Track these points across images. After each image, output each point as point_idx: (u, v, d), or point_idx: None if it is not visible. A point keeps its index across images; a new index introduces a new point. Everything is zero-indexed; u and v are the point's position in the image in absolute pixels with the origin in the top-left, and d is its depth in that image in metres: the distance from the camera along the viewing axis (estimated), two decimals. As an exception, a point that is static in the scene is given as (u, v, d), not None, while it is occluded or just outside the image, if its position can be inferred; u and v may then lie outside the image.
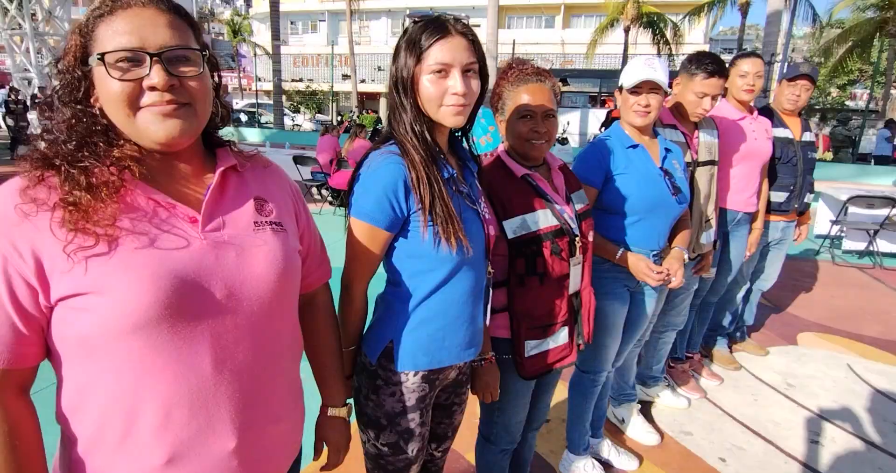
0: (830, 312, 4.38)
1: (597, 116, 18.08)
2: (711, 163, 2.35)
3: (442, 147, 1.21)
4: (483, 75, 1.18)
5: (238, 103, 26.97)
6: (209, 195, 0.89)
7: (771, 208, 3.06)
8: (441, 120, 1.15)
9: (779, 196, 3.05)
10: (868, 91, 22.80)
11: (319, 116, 24.90)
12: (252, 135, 16.17)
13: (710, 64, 2.14)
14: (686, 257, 1.95)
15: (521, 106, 1.50)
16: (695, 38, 24.89)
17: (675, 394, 2.89)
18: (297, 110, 24.33)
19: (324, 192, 7.79)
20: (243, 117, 21.69)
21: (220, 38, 42.95)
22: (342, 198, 7.62)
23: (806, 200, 3.16)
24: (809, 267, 5.72)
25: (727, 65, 2.72)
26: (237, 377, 0.87)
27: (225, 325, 0.85)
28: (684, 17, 21.60)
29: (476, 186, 1.29)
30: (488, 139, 6.64)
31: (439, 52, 1.09)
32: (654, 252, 1.95)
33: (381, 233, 1.13)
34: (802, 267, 5.67)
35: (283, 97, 26.18)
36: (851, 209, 5.93)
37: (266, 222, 0.94)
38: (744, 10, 20.34)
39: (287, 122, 21.08)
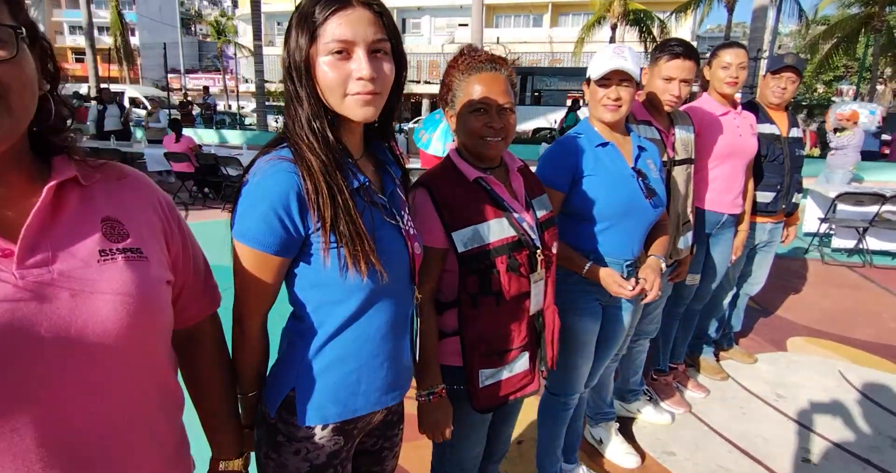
0: (820, 314, 4.23)
1: None
2: (688, 161, 2.17)
3: (352, 148, 1.00)
4: (399, 57, 0.98)
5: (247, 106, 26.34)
6: (32, 219, 0.67)
7: (757, 209, 2.89)
8: (346, 113, 0.94)
9: (765, 196, 2.88)
10: (854, 87, 22.87)
11: None
12: (233, 137, 15.91)
13: (675, 46, 1.96)
14: (663, 265, 1.77)
15: (474, 98, 1.31)
16: (682, 35, 24.85)
17: (658, 409, 2.71)
18: (280, 112, 23.96)
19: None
20: (227, 119, 21.33)
21: (208, 39, 42.43)
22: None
23: (794, 200, 2.99)
24: (798, 266, 5.58)
25: (709, 55, 2.56)
26: (78, 455, 0.68)
27: (56, 390, 0.65)
28: (671, 14, 21.54)
29: (399, 195, 1.08)
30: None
31: (337, 26, 0.89)
32: (629, 262, 1.76)
33: (272, 259, 0.92)
34: (791, 266, 5.53)
35: (270, 98, 25.92)
36: (840, 207, 5.79)
37: (118, 249, 0.74)
38: (730, 7, 20.28)
39: (272, 123, 20.78)
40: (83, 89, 18.31)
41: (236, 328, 1.01)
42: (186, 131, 15.82)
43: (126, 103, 19.65)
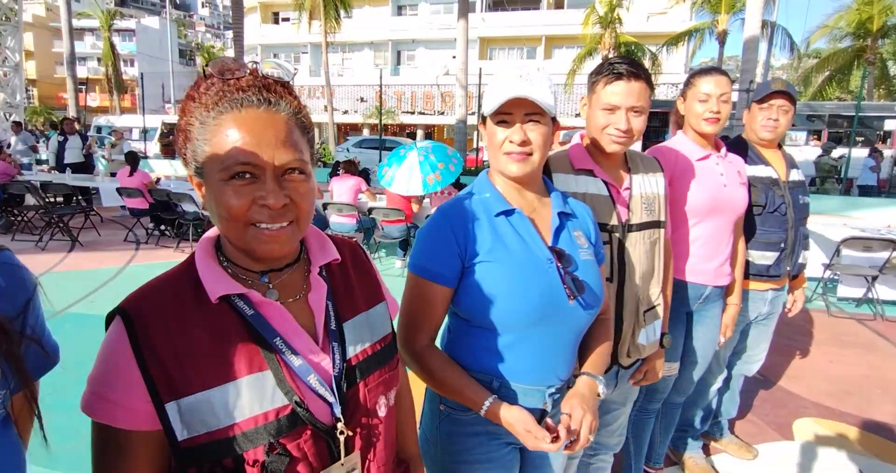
0: (831, 384, 3.59)
1: None
2: (654, 225, 1.56)
3: None
4: None
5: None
6: None
7: (754, 273, 2.27)
8: None
9: (765, 257, 2.26)
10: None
11: None
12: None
13: (616, 64, 1.39)
14: (601, 389, 1.15)
15: (228, 155, 0.73)
16: (674, 68, 24.75)
17: (630, 539, 2.06)
18: None
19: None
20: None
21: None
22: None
23: (801, 259, 2.38)
24: (802, 319, 4.95)
25: (683, 84, 2.01)
26: None
27: None
28: (662, 46, 21.46)
29: None
30: (437, 177, 5.89)
31: None
32: (554, 388, 1.16)
33: None
34: (794, 320, 4.89)
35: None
36: (845, 252, 5.21)
37: None
38: (721, 39, 20.18)
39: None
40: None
41: None
42: (164, 163, 15.41)
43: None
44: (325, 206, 6.36)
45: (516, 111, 1.07)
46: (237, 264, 0.81)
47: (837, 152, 13.58)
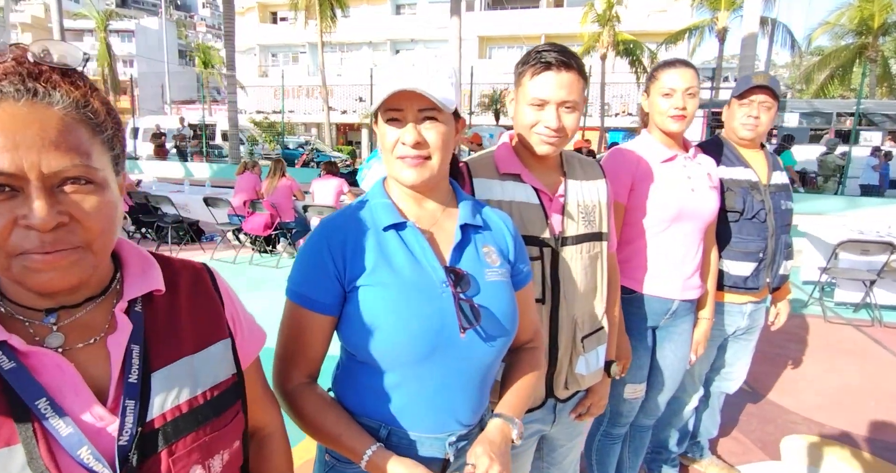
0: (824, 398, 3.39)
1: None
2: (594, 237, 1.36)
3: None
4: None
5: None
6: None
7: (728, 284, 2.08)
8: None
9: (742, 268, 2.06)
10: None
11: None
12: (200, 170, 15.28)
13: (545, 53, 1.20)
14: (514, 434, 0.96)
15: None
16: (674, 66, 24.56)
17: None
18: (254, 143, 23.34)
19: (242, 236, 6.82)
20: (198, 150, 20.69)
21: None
22: (261, 243, 6.66)
23: (782, 270, 2.18)
24: (796, 325, 4.75)
25: (646, 78, 1.83)
26: None
27: None
28: (660, 44, 21.27)
29: None
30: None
31: None
32: (455, 435, 0.97)
33: None
34: (788, 326, 4.65)
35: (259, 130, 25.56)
36: (842, 255, 5.00)
37: None
38: (721, 37, 19.97)
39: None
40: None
41: None
42: (156, 164, 15.31)
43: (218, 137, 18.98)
44: (305, 208, 6.19)
45: (408, 107, 0.88)
46: (13, 300, 0.63)
47: (841, 149, 13.27)
